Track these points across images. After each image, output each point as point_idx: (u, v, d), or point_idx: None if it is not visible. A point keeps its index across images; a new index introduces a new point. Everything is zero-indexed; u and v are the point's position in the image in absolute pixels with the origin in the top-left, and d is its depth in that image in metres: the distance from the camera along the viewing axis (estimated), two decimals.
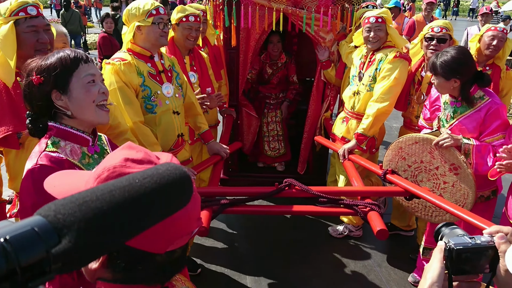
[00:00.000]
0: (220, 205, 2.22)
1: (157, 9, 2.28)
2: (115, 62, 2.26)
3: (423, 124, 2.71)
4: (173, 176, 0.55)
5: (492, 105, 2.27)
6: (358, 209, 2.20)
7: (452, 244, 0.90)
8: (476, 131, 2.32)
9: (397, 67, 2.84)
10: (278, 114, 4.22)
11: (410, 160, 2.45)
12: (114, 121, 2.13)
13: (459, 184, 2.25)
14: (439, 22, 2.93)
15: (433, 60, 2.33)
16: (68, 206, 0.45)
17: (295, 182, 2.29)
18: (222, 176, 4.00)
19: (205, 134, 2.77)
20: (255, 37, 3.54)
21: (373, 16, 2.90)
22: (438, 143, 2.29)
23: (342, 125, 3.28)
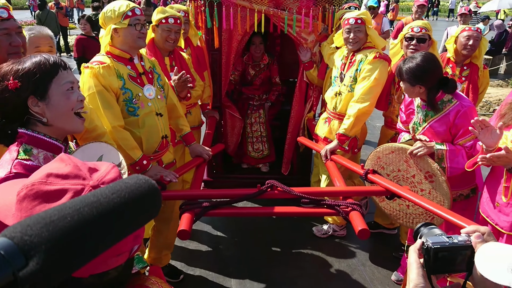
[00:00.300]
0: (202, 207, 2.20)
1: (133, 10, 2.25)
2: (94, 66, 2.23)
3: (400, 127, 2.74)
4: (142, 189, 0.55)
5: (460, 107, 2.31)
6: (340, 209, 2.21)
7: (430, 243, 0.90)
8: (447, 134, 2.36)
9: (377, 67, 2.86)
10: (262, 115, 4.22)
11: (388, 169, 2.49)
12: (90, 124, 2.10)
13: (435, 191, 2.29)
14: (419, 23, 2.97)
15: (400, 66, 2.38)
16: (35, 227, 0.43)
17: (277, 184, 2.29)
18: (207, 178, 3.98)
19: (187, 136, 2.75)
20: (237, 38, 3.54)
21: (353, 18, 2.92)
22: (412, 152, 2.32)
23: (324, 125, 3.29)
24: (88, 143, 1.72)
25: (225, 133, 4.06)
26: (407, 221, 2.47)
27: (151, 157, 2.48)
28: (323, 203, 2.28)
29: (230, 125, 4.05)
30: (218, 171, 4.05)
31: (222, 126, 3.99)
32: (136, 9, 2.26)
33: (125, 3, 2.26)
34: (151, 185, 0.56)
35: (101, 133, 2.14)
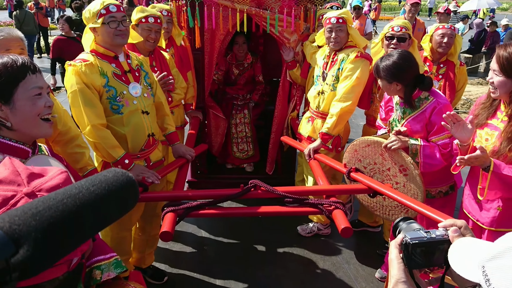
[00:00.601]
0: (185, 209, 2.18)
1: (107, 8, 2.22)
2: (77, 64, 2.22)
3: (380, 124, 2.77)
4: (120, 181, 0.57)
5: (436, 104, 2.35)
6: (323, 207, 2.22)
7: (408, 239, 0.91)
8: (424, 131, 2.39)
9: (358, 66, 2.88)
10: (247, 116, 4.21)
11: (365, 162, 2.51)
12: (64, 126, 2.08)
13: (409, 184, 2.32)
14: (399, 22, 3.00)
15: (377, 64, 2.40)
16: (22, 217, 0.46)
17: (261, 183, 2.28)
18: (191, 179, 3.95)
19: (171, 135, 2.74)
20: (220, 38, 3.52)
21: (334, 17, 2.93)
22: (387, 145, 2.35)
23: (307, 124, 3.30)
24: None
25: (209, 134, 4.04)
26: (383, 212, 2.50)
27: (138, 155, 2.45)
28: (307, 202, 2.28)
29: (214, 126, 4.03)
30: (202, 172, 4.03)
31: (205, 127, 3.97)
32: (110, 6, 2.22)
33: (99, 2, 2.24)
34: (129, 178, 0.59)
35: (74, 135, 2.12)
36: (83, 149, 2.14)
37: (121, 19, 2.25)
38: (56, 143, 2.10)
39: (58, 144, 2.10)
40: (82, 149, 2.13)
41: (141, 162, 2.49)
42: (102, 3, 2.22)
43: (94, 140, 2.22)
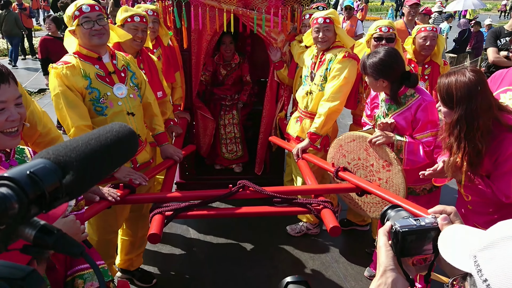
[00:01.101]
0: (173, 210, 2.16)
1: (80, 9, 2.20)
2: (58, 66, 2.21)
3: (365, 121, 2.80)
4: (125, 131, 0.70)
5: (421, 101, 2.38)
6: (312, 207, 2.22)
7: (398, 227, 0.91)
8: (409, 128, 2.42)
9: (346, 66, 2.90)
10: (235, 116, 4.21)
11: (349, 157, 2.53)
12: (44, 128, 2.05)
13: (391, 180, 2.34)
14: (385, 22, 3.02)
15: (364, 60, 2.43)
16: (63, 151, 0.58)
17: (249, 184, 2.28)
18: (179, 180, 3.92)
19: (159, 136, 2.71)
20: (207, 38, 3.51)
21: (321, 17, 2.95)
22: (372, 140, 2.37)
23: (296, 124, 3.31)
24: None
25: (197, 135, 4.02)
26: (365, 209, 2.52)
27: None
28: (295, 202, 2.28)
29: (202, 126, 4.01)
30: (190, 173, 4.01)
31: (193, 128, 3.95)
32: (83, 6, 2.20)
33: (74, 4, 2.23)
34: (130, 129, 0.71)
35: (54, 137, 2.09)
36: None
37: (96, 19, 2.22)
38: (37, 145, 2.07)
39: (39, 146, 2.07)
40: None
41: (127, 164, 2.46)
42: (76, 5, 2.21)
43: None
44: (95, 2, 2.28)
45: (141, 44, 2.90)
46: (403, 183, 2.29)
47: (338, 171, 2.52)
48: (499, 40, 4.63)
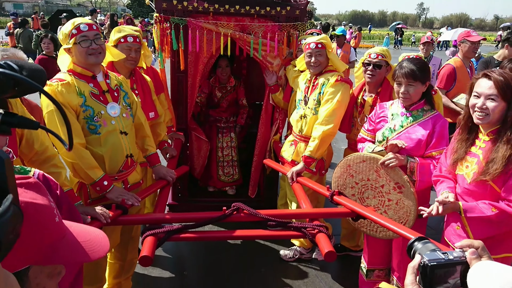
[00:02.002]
0: (165, 232, 2.12)
1: (78, 28, 2.20)
2: (53, 83, 2.19)
3: (363, 136, 2.78)
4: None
5: (440, 117, 2.46)
6: (307, 231, 2.20)
7: (426, 260, 0.90)
8: (421, 146, 2.43)
9: (339, 90, 2.93)
10: (234, 139, 4.21)
11: (357, 177, 2.52)
12: (41, 146, 2.02)
13: (402, 202, 2.34)
14: (376, 49, 3.08)
15: (409, 68, 2.41)
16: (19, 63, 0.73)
17: (244, 206, 2.25)
18: (171, 202, 3.88)
19: (151, 157, 2.69)
20: (203, 61, 3.54)
21: (313, 42, 3.00)
22: (384, 162, 2.37)
23: (290, 148, 3.31)
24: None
25: (191, 156, 4.00)
26: (371, 229, 2.50)
27: (115, 177, 2.39)
28: (290, 226, 2.25)
29: (196, 148, 4.00)
30: (183, 195, 3.96)
31: (188, 149, 3.93)
32: (81, 25, 2.21)
33: (71, 22, 2.24)
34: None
35: (50, 155, 2.05)
36: (59, 169, 2.07)
37: (93, 38, 2.23)
38: (32, 163, 2.03)
39: (34, 164, 2.03)
40: (58, 169, 2.06)
41: (118, 184, 2.43)
42: (73, 23, 2.22)
43: (72, 161, 2.16)
44: (92, 22, 2.30)
45: (134, 64, 2.92)
46: (414, 205, 2.30)
47: (333, 195, 2.50)
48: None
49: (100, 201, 2.28)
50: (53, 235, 0.82)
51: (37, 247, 0.78)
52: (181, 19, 3.30)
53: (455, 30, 15.59)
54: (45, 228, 0.80)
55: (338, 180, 2.61)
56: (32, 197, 0.79)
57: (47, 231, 0.81)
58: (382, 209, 2.44)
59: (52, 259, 0.81)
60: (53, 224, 0.82)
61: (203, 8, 3.30)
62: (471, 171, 2.06)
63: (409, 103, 2.49)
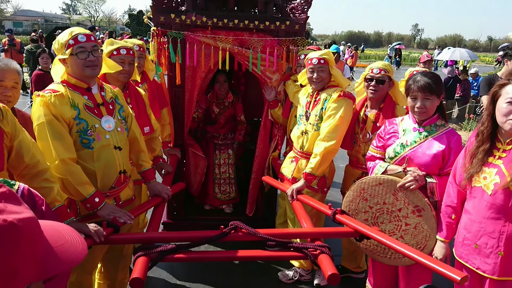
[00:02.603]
0: (159, 252, 2.00)
1: (75, 38, 2.11)
2: (46, 94, 2.08)
3: (372, 154, 2.67)
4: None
5: (453, 132, 2.38)
6: (308, 252, 2.08)
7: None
8: (438, 157, 2.33)
9: (341, 105, 2.86)
10: (231, 156, 4.11)
11: (372, 201, 2.41)
12: (32, 159, 1.90)
13: (422, 226, 2.24)
14: (379, 64, 3.02)
15: (425, 81, 2.33)
16: None
17: (242, 225, 2.14)
18: (166, 220, 3.75)
19: (146, 172, 2.58)
20: (201, 75, 3.47)
21: (316, 58, 2.94)
22: (404, 185, 2.28)
23: (291, 165, 3.21)
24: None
25: (188, 173, 3.90)
26: (384, 256, 2.38)
27: (107, 194, 2.28)
28: (290, 246, 2.14)
29: (193, 164, 3.90)
30: (179, 213, 3.84)
31: (184, 165, 3.83)
32: (79, 35, 2.11)
33: (69, 31, 2.14)
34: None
35: (42, 169, 1.94)
36: (51, 184, 1.95)
37: (91, 49, 2.14)
38: (21, 177, 1.92)
39: (24, 178, 1.92)
40: (50, 183, 1.95)
41: (110, 201, 2.31)
42: (71, 33, 2.12)
43: (62, 176, 2.05)
44: (90, 32, 2.20)
45: (128, 77, 2.84)
46: (434, 229, 2.20)
47: (335, 214, 2.40)
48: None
49: (90, 219, 2.16)
50: (44, 245, 0.79)
51: (36, 262, 0.75)
52: (179, 33, 3.24)
53: (452, 51, 15.98)
54: (38, 241, 0.77)
55: (350, 204, 2.50)
56: (17, 211, 0.74)
57: (40, 243, 0.78)
58: (398, 234, 2.33)
59: (48, 271, 0.78)
60: (41, 234, 0.78)
61: (202, 22, 3.25)
62: (490, 182, 1.96)
63: (425, 118, 2.42)
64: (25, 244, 0.72)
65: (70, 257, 0.83)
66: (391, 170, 2.45)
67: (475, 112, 10.12)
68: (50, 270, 0.79)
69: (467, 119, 9.73)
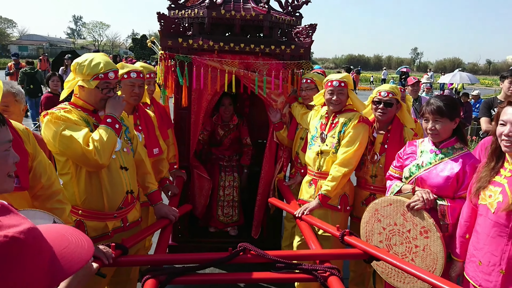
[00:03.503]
0: (167, 274, 1.99)
1: (106, 74, 2.14)
2: (54, 111, 2.10)
3: (391, 174, 2.70)
4: None
5: (470, 156, 2.38)
6: (318, 274, 2.07)
7: None
8: (453, 179, 2.34)
9: (360, 132, 2.91)
10: (237, 179, 4.11)
11: (385, 222, 2.41)
12: (47, 180, 1.92)
13: (429, 248, 2.22)
14: (386, 87, 3.06)
15: (436, 104, 2.38)
16: None
17: (250, 247, 2.13)
18: (171, 243, 3.72)
19: (153, 194, 2.58)
20: (207, 98, 3.52)
21: (336, 80, 2.98)
22: (410, 205, 2.28)
23: (310, 188, 3.17)
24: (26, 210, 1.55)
25: (193, 194, 3.89)
26: (398, 280, 2.35)
27: (115, 215, 2.27)
28: (299, 268, 2.12)
29: (198, 186, 3.89)
30: (183, 235, 3.82)
31: (189, 187, 3.83)
32: (110, 73, 2.15)
33: (103, 63, 2.15)
34: None
35: (56, 190, 1.96)
36: (63, 205, 1.97)
37: (114, 85, 2.20)
38: (36, 198, 1.93)
39: (38, 199, 1.93)
40: (62, 204, 1.96)
41: (117, 223, 2.31)
42: (103, 67, 2.14)
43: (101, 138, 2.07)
44: (117, 68, 2.25)
45: (138, 100, 2.88)
46: (441, 252, 2.17)
47: (343, 235, 2.38)
48: (493, 109, 4.72)
49: (97, 241, 2.15)
50: (50, 252, 0.77)
51: (45, 272, 0.74)
52: (186, 56, 3.31)
53: (453, 74, 16.30)
54: (44, 250, 0.75)
55: (366, 226, 2.51)
56: (14, 223, 0.72)
57: (45, 252, 0.76)
58: (409, 256, 2.31)
59: (57, 277, 0.77)
60: (45, 242, 0.77)
61: (208, 46, 3.32)
62: (494, 200, 1.98)
63: (438, 140, 2.44)
64: (32, 256, 0.70)
65: (77, 258, 0.81)
66: (405, 189, 2.47)
67: (477, 134, 10.15)
68: (59, 276, 0.77)
69: (470, 141, 9.75)
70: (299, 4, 3.70)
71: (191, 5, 3.66)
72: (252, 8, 3.53)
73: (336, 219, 2.98)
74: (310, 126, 3.24)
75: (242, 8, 3.49)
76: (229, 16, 3.36)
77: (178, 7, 3.55)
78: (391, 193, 2.55)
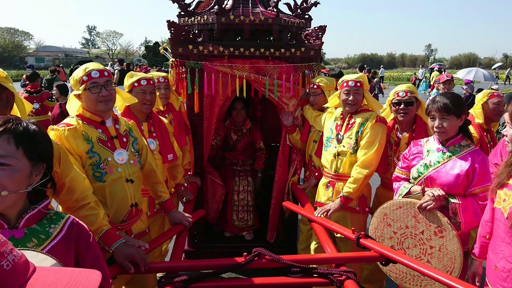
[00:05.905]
0: (183, 281, 2.00)
1: (89, 74, 2.16)
2: (59, 128, 2.13)
3: (397, 175, 2.68)
4: None
5: (478, 152, 2.36)
6: (334, 277, 2.05)
7: None
8: (463, 177, 2.31)
9: (378, 132, 2.90)
10: (251, 183, 4.11)
11: (395, 226, 2.38)
12: (81, 194, 1.95)
13: (446, 247, 2.19)
14: (403, 87, 3.03)
15: (443, 102, 2.36)
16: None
17: (265, 252, 2.13)
18: (187, 248, 3.75)
19: (165, 203, 2.59)
20: (219, 103, 3.53)
21: (352, 80, 2.97)
22: (422, 205, 2.25)
23: (327, 191, 3.15)
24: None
25: (206, 200, 3.90)
26: (414, 284, 2.31)
27: (118, 227, 2.27)
28: (315, 272, 2.11)
29: (211, 192, 3.91)
30: (199, 240, 3.83)
31: (203, 193, 3.85)
32: (93, 72, 2.17)
33: (84, 67, 2.21)
34: None
35: (90, 200, 1.99)
36: (96, 211, 1.99)
37: (103, 84, 2.19)
38: (69, 209, 1.97)
39: (71, 210, 1.96)
40: (95, 210, 1.99)
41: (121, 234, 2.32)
42: (85, 70, 2.19)
43: None
44: (104, 68, 2.26)
45: (150, 107, 2.90)
46: (458, 250, 2.15)
47: (359, 238, 2.36)
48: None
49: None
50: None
51: None
52: (197, 63, 3.33)
53: (468, 70, 16.19)
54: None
55: (376, 231, 2.48)
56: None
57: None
58: (425, 258, 2.28)
59: None
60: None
61: (218, 52, 3.33)
62: (508, 205, 1.93)
63: (445, 138, 2.42)
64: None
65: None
66: (415, 191, 2.43)
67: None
68: None
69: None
70: (308, 6, 3.69)
71: (200, 12, 3.69)
72: (261, 13, 3.54)
73: (355, 221, 2.97)
74: (324, 128, 3.23)
75: (251, 13, 3.50)
76: (238, 21, 3.37)
77: (187, 14, 3.58)
78: (400, 196, 2.51)
